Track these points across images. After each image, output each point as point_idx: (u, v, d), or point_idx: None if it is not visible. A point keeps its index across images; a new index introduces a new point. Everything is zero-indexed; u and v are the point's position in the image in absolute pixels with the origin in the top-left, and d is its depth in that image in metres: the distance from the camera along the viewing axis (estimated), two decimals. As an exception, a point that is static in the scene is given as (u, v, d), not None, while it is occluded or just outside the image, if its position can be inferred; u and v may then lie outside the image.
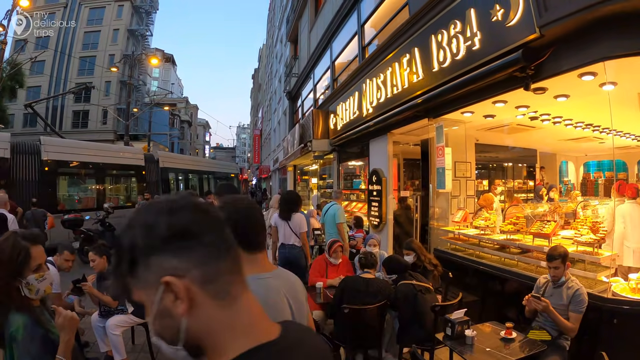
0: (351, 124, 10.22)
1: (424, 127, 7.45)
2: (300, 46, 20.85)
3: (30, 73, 42.23)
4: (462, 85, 5.45)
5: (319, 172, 17.68)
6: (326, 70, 14.52)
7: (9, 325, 1.89)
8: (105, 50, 48.60)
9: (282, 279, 1.90)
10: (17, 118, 47.60)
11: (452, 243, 7.00)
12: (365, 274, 4.80)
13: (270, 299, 1.69)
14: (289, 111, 23.91)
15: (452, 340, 3.79)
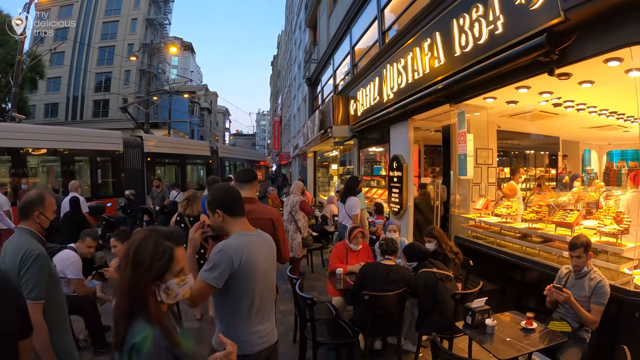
0: (371, 110, 10.18)
1: (445, 113, 7.39)
2: (320, 32, 20.76)
3: (50, 64, 42.92)
4: (485, 70, 5.37)
5: (339, 158, 17.67)
6: (346, 56, 14.45)
7: (134, 334, 1.70)
8: (124, 40, 49.03)
9: (261, 237, 2.76)
10: (38, 109, 48.66)
11: (472, 231, 6.97)
12: (385, 260, 4.82)
13: (253, 245, 2.61)
14: (309, 97, 23.94)
15: (472, 329, 3.76)
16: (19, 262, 2.59)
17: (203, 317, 6.31)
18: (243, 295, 2.53)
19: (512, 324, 3.86)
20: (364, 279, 4.58)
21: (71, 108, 50.15)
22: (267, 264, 2.69)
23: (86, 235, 5.42)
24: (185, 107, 53.99)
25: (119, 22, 50.11)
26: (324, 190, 20.85)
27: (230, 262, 2.44)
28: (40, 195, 2.92)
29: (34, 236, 2.83)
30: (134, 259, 1.78)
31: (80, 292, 5.15)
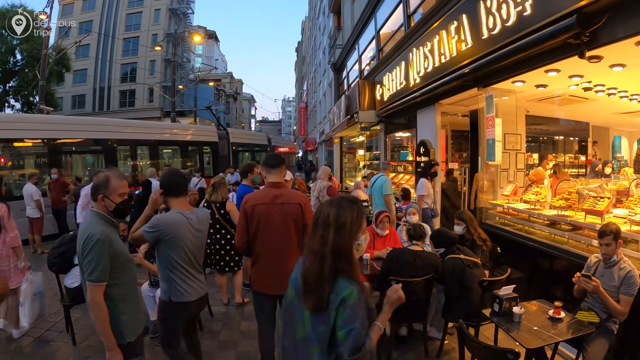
0: (398, 95, 10.14)
1: (473, 97, 7.33)
2: (344, 17, 20.67)
3: (76, 57, 43.93)
4: (513, 53, 5.30)
5: (365, 143, 17.65)
6: (371, 41, 14.36)
7: (341, 290, 1.97)
8: (148, 31, 49.86)
9: (194, 214, 3.48)
10: (65, 100, 50.01)
11: (500, 217, 6.92)
12: (413, 246, 4.84)
13: (183, 223, 3.34)
14: (334, 83, 23.89)
15: (499, 316, 3.74)
16: (82, 246, 2.80)
17: (230, 302, 6.50)
18: (179, 256, 3.36)
19: (539, 313, 3.82)
20: (391, 264, 4.61)
21: (98, 99, 51.44)
22: (197, 234, 3.48)
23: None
24: (210, 95, 54.56)
25: (142, 13, 50.96)
26: (351, 176, 20.86)
27: (163, 231, 3.27)
28: (105, 179, 3.08)
29: (102, 218, 3.00)
30: (336, 224, 2.06)
31: None
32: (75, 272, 5.19)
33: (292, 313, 2.20)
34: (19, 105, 36.85)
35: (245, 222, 3.81)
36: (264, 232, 3.74)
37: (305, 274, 2.08)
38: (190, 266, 3.46)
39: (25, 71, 33.87)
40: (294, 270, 2.29)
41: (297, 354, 2.16)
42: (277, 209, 3.72)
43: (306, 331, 2.10)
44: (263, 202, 3.76)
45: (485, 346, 3.16)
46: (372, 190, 8.28)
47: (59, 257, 5.19)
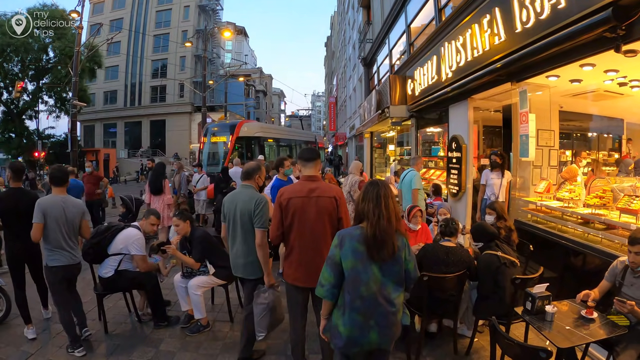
0: (429, 89, 10.10)
1: (506, 92, 7.26)
2: (373, 11, 20.66)
3: (108, 54, 45.44)
4: (547, 47, 5.23)
5: (396, 138, 17.61)
6: (401, 35, 14.34)
7: (401, 242, 2.94)
8: (178, 27, 51.37)
9: (65, 199, 4.82)
10: (97, 96, 51.74)
11: (533, 215, 6.85)
12: (445, 242, 4.85)
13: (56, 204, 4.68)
14: (365, 78, 23.91)
15: (531, 315, 3.72)
16: (254, 205, 4.19)
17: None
18: (54, 232, 4.69)
19: (571, 313, 3.77)
20: (423, 260, 4.64)
21: (129, 94, 53.32)
22: (67, 215, 4.77)
23: (150, 213, 5.81)
24: (240, 90, 55.53)
25: (171, 10, 52.58)
26: (381, 171, 20.84)
27: (41, 209, 4.62)
28: (258, 166, 4.71)
29: (255, 190, 4.50)
30: (394, 197, 3.03)
31: (143, 269, 5.47)
32: (109, 262, 5.39)
33: (357, 278, 2.86)
34: (52, 102, 38.65)
35: (280, 215, 3.89)
36: (299, 225, 3.81)
37: (380, 234, 2.83)
38: (64, 237, 4.79)
39: (57, 68, 35.42)
40: (346, 243, 2.90)
41: (375, 303, 2.85)
42: (313, 202, 3.79)
43: (378, 281, 2.85)
44: (298, 195, 3.83)
45: (518, 344, 3.17)
46: (402, 184, 8.33)
47: (93, 247, 5.37)
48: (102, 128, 55.24)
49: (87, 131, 54.35)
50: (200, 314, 5.35)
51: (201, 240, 5.41)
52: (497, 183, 7.51)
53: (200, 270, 5.48)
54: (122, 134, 54.85)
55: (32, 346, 5.08)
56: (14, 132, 37.06)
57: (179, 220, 5.44)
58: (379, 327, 2.86)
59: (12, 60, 34.71)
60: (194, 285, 5.28)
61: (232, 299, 5.89)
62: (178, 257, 5.35)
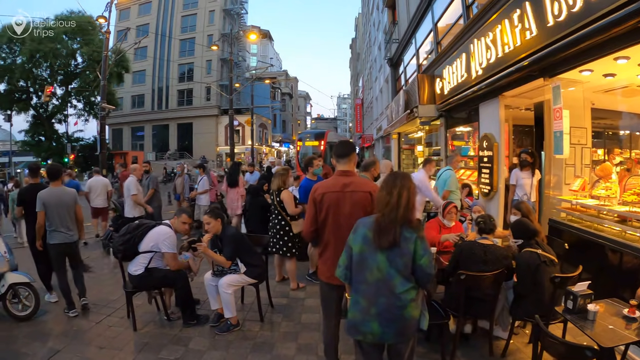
0: (459, 88, 10.04)
1: (537, 89, 7.19)
2: (399, 11, 20.65)
3: (135, 59, 46.87)
4: (580, 41, 5.15)
5: (424, 139, 17.52)
6: (428, 34, 14.34)
7: (412, 230, 2.94)
8: (204, 32, 52.76)
9: (62, 190, 6.22)
10: (125, 100, 53.37)
11: (568, 213, 6.73)
12: (483, 239, 4.80)
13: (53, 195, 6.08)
14: (391, 78, 23.88)
15: (572, 314, 3.64)
16: None
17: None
18: (51, 216, 6.00)
19: (612, 312, 3.70)
20: (460, 257, 4.59)
21: (156, 98, 54.80)
22: (59, 201, 6.07)
23: (182, 212, 5.88)
24: (266, 93, 56.35)
25: (197, 14, 53.98)
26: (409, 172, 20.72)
27: (41, 200, 5.96)
28: (373, 161, 5.84)
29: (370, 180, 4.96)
30: (411, 189, 3.03)
31: (173, 266, 5.57)
32: (139, 260, 5.51)
33: (364, 263, 2.98)
34: (81, 105, 40.29)
35: (314, 211, 3.89)
36: (333, 220, 3.80)
37: (383, 221, 2.94)
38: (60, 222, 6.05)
39: (86, 73, 36.70)
40: (359, 229, 3.07)
41: (378, 292, 2.91)
42: (347, 197, 3.77)
43: (384, 270, 2.91)
44: (332, 190, 3.83)
45: (563, 342, 3.13)
46: (437, 183, 8.36)
47: (124, 244, 5.52)
48: (130, 131, 57.07)
49: (115, 134, 56.39)
50: (230, 313, 5.38)
51: (233, 239, 5.45)
52: (528, 183, 7.41)
53: (231, 269, 5.50)
54: (150, 137, 56.51)
55: (60, 343, 5.23)
56: (44, 136, 38.85)
57: (210, 218, 5.44)
58: (380, 317, 2.90)
59: (41, 66, 36.26)
60: (225, 284, 5.32)
61: (262, 299, 5.90)
62: (209, 255, 5.38)
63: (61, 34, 35.54)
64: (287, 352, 4.92)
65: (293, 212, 6.86)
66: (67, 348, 5.09)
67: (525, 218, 5.14)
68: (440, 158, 13.41)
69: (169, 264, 5.56)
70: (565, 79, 6.40)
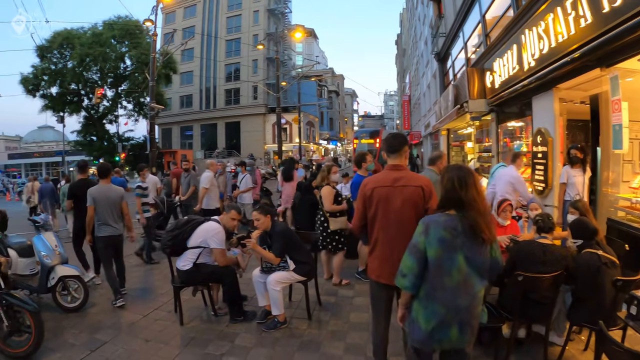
0: (510, 81, 9.73)
1: (594, 80, 6.85)
2: (445, 4, 20.37)
3: (182, 60, 48.73)
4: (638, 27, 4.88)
5: (474, 135, 17.12)
6: (476, 26, 14.04)
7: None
8: (249, 32, 54.12)
9: (108, 188, 6.68)
10: (174, 100, 55.47)
11: (628, 212, 6.37)
12: (541, 239, 4.55)
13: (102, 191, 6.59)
14: (439, 73, 23.54)
15: (636, 320, 3.46)
16: None
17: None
18: (100, 211, 6.46)
19: None
20: (518, 257, 4.38)
21: (204, 98, 56.78)
22: (108, 197, 6.56)
23: (231, 208, 5.92)
24: (313, 91, 56.96)
25: (241, 15, 55.48)
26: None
27: (91, 196, 6.43)
28: (440, 154, 5.88)
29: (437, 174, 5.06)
30: (480, 184, 2.90)
31: (221, 262, 5.58)
32: (187, 255, 5.58)
33: (441, 267, 2.76)
34: (131, 106, 42.23)
35: (363, 206, 3.82)
36: (383, 216, 3.69)
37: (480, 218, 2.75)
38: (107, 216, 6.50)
39: (135, 75, 38.36)
40: (432, 231, 2.79)
41: (457, 295, 2.74)
42: (398, 192, 3.64)
43: (463, 272, 2.73)
44: (382, 184, 3.72)
45: (628, 350, 2.91)
46: (490, 180, 8.17)
47: (172, 239, 5.61)
48: (179, 131, 59.35)
49: (165, 134, 58.90)
50: (278, 310, 5.36)
51: (282, 235, 5.43)
52: (579, 181, 7.07)
53: (280, 266, 5.46)
54: (199, 136, 58.62)
55: (106, 334, 5.39)
56: (95, 136, 41.05)
57: (259, 214, 5.45)
58: (460, 321, 2.77)
59: (92, 69, 38.30)
60: (273, 281, 5.30)
61: (310, 296, 5.82)
62: (258, 251, 5.40)
63: (110, 38, 37.51)
64: (334, 352, 4.85)
65: (328, 208, 6.84)
66: (113, 340, 5.23)
67: (584, 217, 4.88)
68: (492, 154, 13.07)
69: (218, 260, 5.58)
70: (623, 69, 6.05)
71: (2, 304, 4.82)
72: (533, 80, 8.15)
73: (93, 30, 38.08)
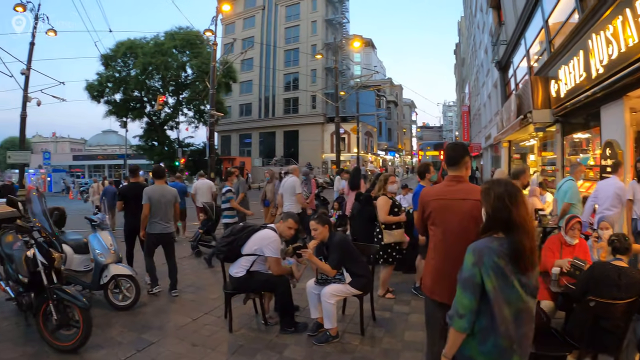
0: (577, 89, 9.23)
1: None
2: (505, 10, 19.92)
3: (242, 69, 51.71)
4: None
5: (538, 147, 16.40)
6: (539, 32, 13.55)
7: None
8: (307, 42, 55.10)
9: (162, 188, 7.21)
10: (233, 109, 58.05)
11: None
12: (616, 260, 4.09)
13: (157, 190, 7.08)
14: (500, 83, 22.96)
15: None
16: None
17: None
18: (153, 209, 6.86)
19: None
20: (591, 281, 3.97)
21: (263, 107, 58.91)
22: (162, 197, 6.97)
23: (288, 216, 5.79)
24: (371, 101, 57.48)
25: (299, 25, 56.84)
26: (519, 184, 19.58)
27: (147, 194, 6.88)
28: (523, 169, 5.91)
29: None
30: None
31: (275, 271, 5.45)
32: (241, 262, 5.50)
33: (501, 298, 2.42)
34: (192, 113, 44.29)
35: (421, 217, 3.68)
36: (439, 230, 3.50)
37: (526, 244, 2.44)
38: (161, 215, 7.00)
39: (195, 84, 40.35)
40: (486, 259, 2.45)
41: (519, 324, 2.45)
42: (456, 205, 3.43)
43: (520, 299, 2.43)
44: (440, 197, 3.52)
45: None
46: (557, 194, 7.64)
47: (227, 245, 5.55)
48: (238, 138, 61.38)
49: (224, 141, 61.14)
50: (331, 324, 5.15)
51: (340, 246, 5.26)
52: None
53: (336, 278, 5.27)
54: (257, 144, 60.22)
55: (154, 335, 5.40)
56: (157, 141, 43.66)
57: (317, 224, 5.30)
58: (521, 350, 2.49)
59: (154, 77, 40.71)
60: (328, 294, 5.11)
61: (365, 311, 5.55)
62: (314, 262, 5.23)
63: (171, 48, 39.68)
64: (387, 371, 4.60)
65: (382, 219, 6.64)
66: (160, 341, 5.23)
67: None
68: (556, 168, 12.43)
69: (272, 269, 5.48)
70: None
71: (52, 298, 4.90)
72: (601, 88, 7.71)
73: (155, 40, 40.45)
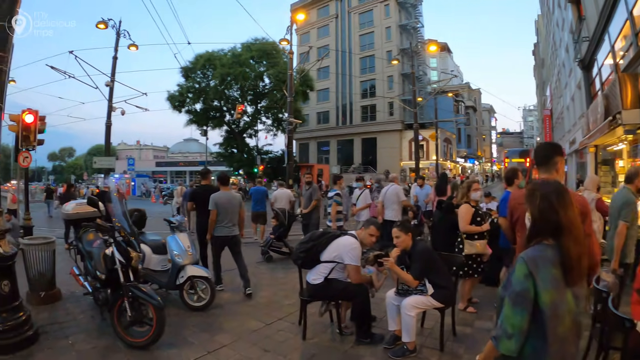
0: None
1: None
2: (585, 4, 18.77)
3: (318, 77, 52.93)
4: None
5: (628, 152, 15.06)
6: (623, 25, 12.75)
7: None
8: (382, 48, 55.02)
9: (229, 194, 7.86)
10: (311, 117, 60.69)
11: None
12: None
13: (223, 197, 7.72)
14: (584, 83, 21.52)
15: None
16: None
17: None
18: (220, 214, 7.50)
19: None
20: None
21: (340, 114, 60.39)
22: (229, 202, 7.61)
23: (370, 223, 5.60)
24: (450, 106, 56.88)
25: (374, 32, 56.82)
26: (607, 192, 17.94)
27: (214, 200, 7.54)
28: (637, 172, 5.41)
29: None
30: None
31: (355, 280, 5.30)
32: (319, 269, 5.39)
33: (556, 314, 2.18)
34: (270, 122, 45.94)
35: (509, 222, 3.69)
36: (522, 236, 3.40)
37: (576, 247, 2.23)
38: (228, 218, 7.58)
39: (273, 93, 41.73)
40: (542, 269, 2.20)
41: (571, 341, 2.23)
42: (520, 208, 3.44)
43: (572, 312, 2.23)
44: (522, 201, 3.30)
45: None
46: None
47: (305, 252, 5.48)
48: (316, 146, 62.85)
49: (302, 148, 62.93)
50: (409, 337, 4.89)
51: (423, 256, 5.08)
52: None
53: (418, 289, 5.03)
54: (335, 151, 61.33)
55: (226, 338, 5.49)
56: (236, 148, 45.89)
57: (399, 231, 5.16)
58: None
59: (232, 87, 42.74)
60: (409, 305, 4.87)
61: (445, 325, 5.22)
62: (395, 271, 5.00)
63: (248, 58, 41.66)
64: (464, 391, 4.38)
65: (463, 228, 6.45)
66: (232, 344, 5.29)
67: None
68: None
69: (351, 277, 5.33)
70: None
71: (128, 295, 5.10)
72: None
73: (232, 51, 42.43)
